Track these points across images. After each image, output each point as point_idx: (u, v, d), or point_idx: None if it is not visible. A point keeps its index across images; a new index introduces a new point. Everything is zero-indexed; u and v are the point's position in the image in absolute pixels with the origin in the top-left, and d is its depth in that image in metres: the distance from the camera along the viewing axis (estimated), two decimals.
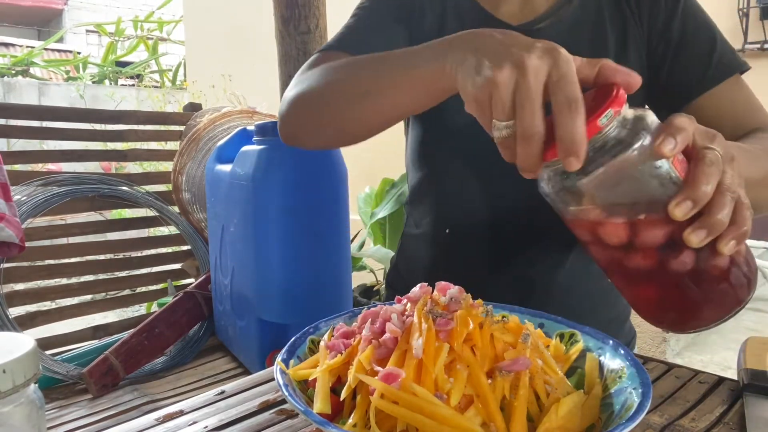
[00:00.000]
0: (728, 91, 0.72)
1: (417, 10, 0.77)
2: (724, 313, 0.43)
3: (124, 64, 8.24)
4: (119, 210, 2.85)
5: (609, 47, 0.72)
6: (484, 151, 0.73)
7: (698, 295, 0.42)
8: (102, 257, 2.17)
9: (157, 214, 2.17)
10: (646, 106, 0.74)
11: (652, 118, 0.41)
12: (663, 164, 0.39)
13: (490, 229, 0.77)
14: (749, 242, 2.91)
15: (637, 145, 0.39)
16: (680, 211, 0.38)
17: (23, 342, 0.29)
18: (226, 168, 1.62)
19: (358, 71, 0.60)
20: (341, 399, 0.43)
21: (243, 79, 4.28)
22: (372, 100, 0.57)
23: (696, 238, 0.39)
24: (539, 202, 0.72)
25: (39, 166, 2.91)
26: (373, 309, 0.50)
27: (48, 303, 2.05)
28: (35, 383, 0.30)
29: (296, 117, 0.66)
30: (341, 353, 0.46)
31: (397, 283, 0.91)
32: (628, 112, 0.41)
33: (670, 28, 0.71)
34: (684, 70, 0.72)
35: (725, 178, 0.40)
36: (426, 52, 0.51)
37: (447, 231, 0.81)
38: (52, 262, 2.21)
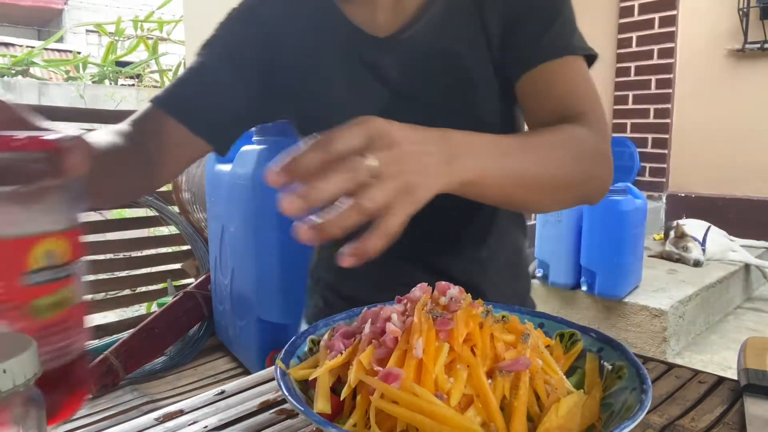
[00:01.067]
0: (552, 73, 0.69)
1: (278, 28, 0.76)
2: None
3: (124, 64, 8.23)
4: (119, 210, 2.85)
5: (479, 37, 0.71)
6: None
7: None
8: (102, 257, 2.17)
9: (156, 213, 2.17)
10: None
11: None
12: None
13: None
14: (750, 242, 2.88)
15: None
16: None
17: (23, 341, 0.29)
18: (226, 168, 1.62)
19: None
20: (341, 399, 0.43)
21: None
22: None
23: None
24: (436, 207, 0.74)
25: None
26: (373, 309, 0.50)
27: None
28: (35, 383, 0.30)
29: None
30: (341, 353, 0.46)
31: (318, 271, 0.89)
32: None
33: (515, 4, 0.70)
34: (528, 38, 0.70)
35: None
36: None
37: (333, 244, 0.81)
38: None
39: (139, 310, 2.98)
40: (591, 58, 0.72)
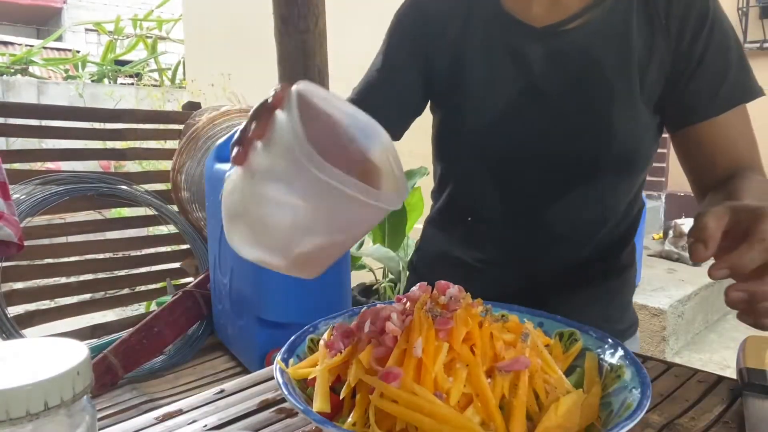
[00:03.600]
0: (729, 122, 0.71)
1: (435, 32, 0.79)
2: None
3: (123, 63, 8.23)
4: (118, 209, 2.85)
5: (634, 54, 0.71)
6: (502, 151, 0.75)
7: None
8: (101, 256, 2.17)
9: (156, 212, 2.16)
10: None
11: None
12: None
13: (502, 227, 0.78)
14: None
15: None
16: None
17: (77, 349, 0.29)
18: (226, 167, 1.62)
19: None
20: (341, 398, 0.43)
21: (242, 78, 4.28)
22: None
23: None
24: (548, 205, 0.75)
25: (38, 165, 2.91)
26: (372, 308, 0.50)
27: (47, 302, 2.04)
28: (90, 393, 0.30)
29: None
30: (341, 352, 0.46)
31: (419, 266, 0.92)
32: None
33: (694, 48, 0.70)
34: (693, 93, 0.70)
35: None
36: None
37: (468, 219, 0.82)
38: (51, 261, 2.21)
39: (138, 309, 2.98)
40: None
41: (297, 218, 0.42)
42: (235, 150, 0.43)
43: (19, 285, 1.97)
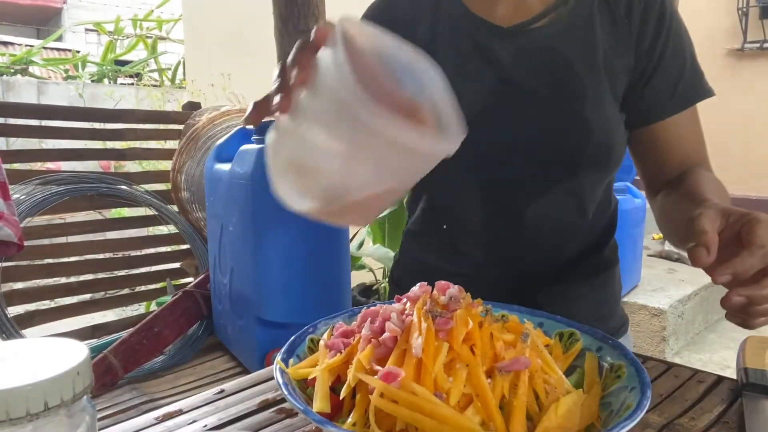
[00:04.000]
0: (682, 121, 0.74)
1: (404, 35, 0.77)
2: None
3: (123, 63, 8.22)
4: (118, 209, 2.85)
5: (599, 52, 0.72)
6: (479, 151, 0.74)
7: None
8: (101, 256, 2.17)
9: (156, 213, 2.17)
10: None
11: None
12: None
13: (484, 226, 0.78)
14: None
15: None
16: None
17: (77, 349, 0.29)
18: (225, 167, 1.62)
19: None
20: (341, 398, 0.43)
21: (242, 78, 4.27)
22: None
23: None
24: (528, 203, 0.75)
25: (38, 165, 2.90)
26: (372, 308, 0.50)
27: (47, 302, 2.05)
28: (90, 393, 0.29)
29: None
30: (341, 352, 0.46)
31: (400, 279, 0.91)
32: None
33: (654, 48, 0.72)
34: (652, 93, 0.73)
35: None
36: None
37: (444, 227, 0.81)
38: (50, 261, 2.21)
39: (138, 309, 2.98)
40: None
41: (347, 165, 0.40)
42: (277, 98, 0.41)
43: (19, 285, 1.97)
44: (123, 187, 2.10)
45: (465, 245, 0.81)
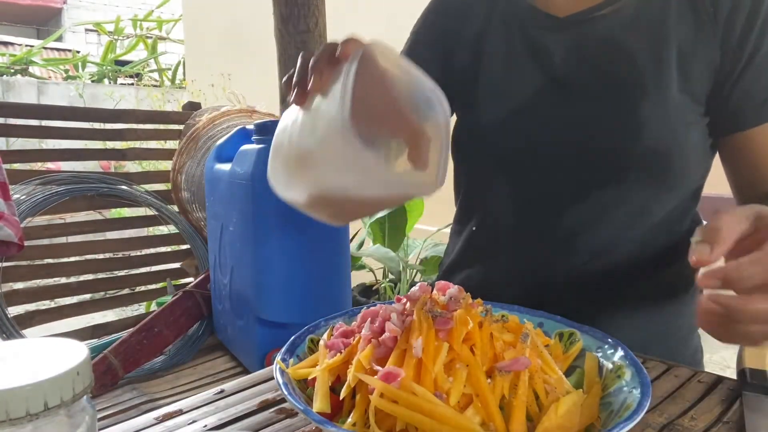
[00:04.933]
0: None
1: (457, 29, 0.78)
2: None
3: (123, 63, 8.23)
4: (118, 209, 2.85)
5: (671, 46, 0.64)
6: (512, 151, 0.72)
7: None
8: (101, 256, 2.17)
9: (156, 213, 2.17)
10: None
11: None
12: None
13: (514, 231, 0.75)
14: None
15: None
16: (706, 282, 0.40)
17: (78, 349, 0.29)
18: (226, 167, 1.62)
19: None
20: (341, 398, 0.43)
21: (242, 78, 4.28)
22: None
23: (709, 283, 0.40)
24: (566, 207, 0.71)
25: (38, 165, 2.91)
26: (372, 308, 0.50)
27: (47, 302, 2.04)
28: (90, 393, 0.29)
29: None
30: (341, 352, 0.46)
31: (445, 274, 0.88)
32: None
33: (745, 42, 0.62)
34: (742, 95, 0.64)
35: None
36: None
37: (473, 228, 0.80)
38: (51, 261, 2.20)
39: (138, 309, 2.98)
40: None
41: (333, 170, 0.43)
42: (296, 91, 0.44)
43: (19, 285, 1.97)
44: (123, 187, 2.10)
45: (489, 251, 0.78)
